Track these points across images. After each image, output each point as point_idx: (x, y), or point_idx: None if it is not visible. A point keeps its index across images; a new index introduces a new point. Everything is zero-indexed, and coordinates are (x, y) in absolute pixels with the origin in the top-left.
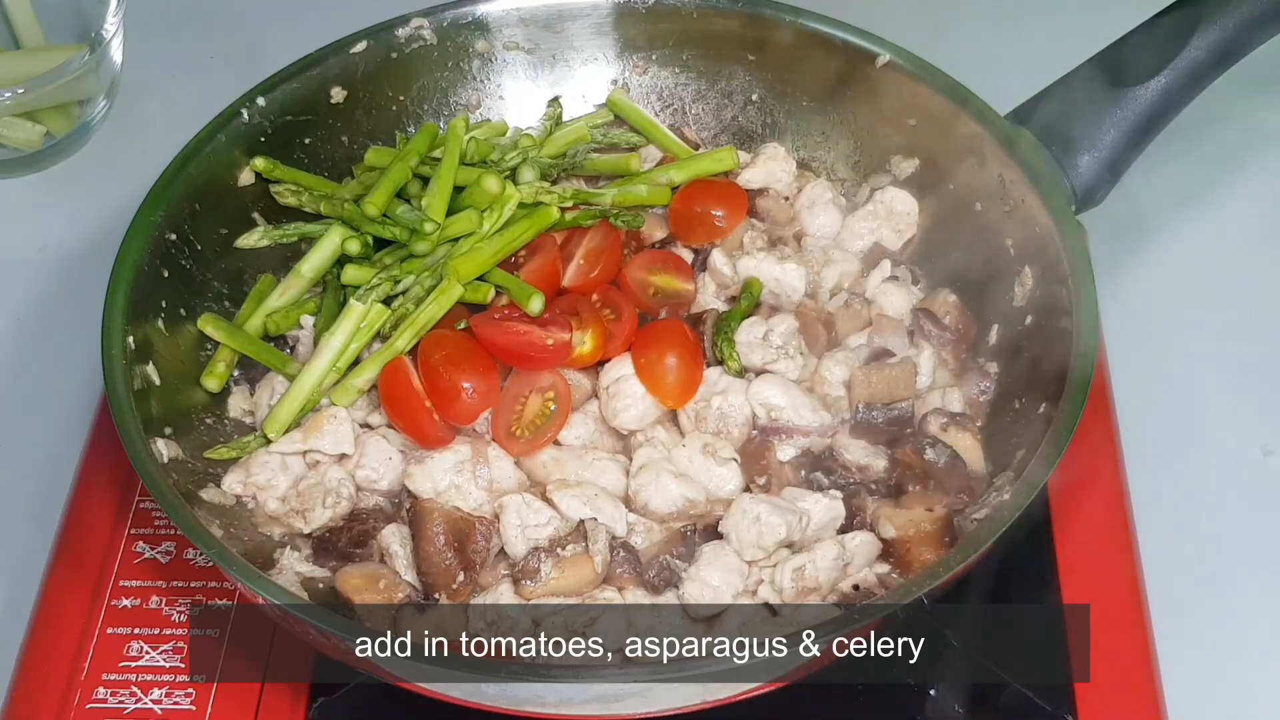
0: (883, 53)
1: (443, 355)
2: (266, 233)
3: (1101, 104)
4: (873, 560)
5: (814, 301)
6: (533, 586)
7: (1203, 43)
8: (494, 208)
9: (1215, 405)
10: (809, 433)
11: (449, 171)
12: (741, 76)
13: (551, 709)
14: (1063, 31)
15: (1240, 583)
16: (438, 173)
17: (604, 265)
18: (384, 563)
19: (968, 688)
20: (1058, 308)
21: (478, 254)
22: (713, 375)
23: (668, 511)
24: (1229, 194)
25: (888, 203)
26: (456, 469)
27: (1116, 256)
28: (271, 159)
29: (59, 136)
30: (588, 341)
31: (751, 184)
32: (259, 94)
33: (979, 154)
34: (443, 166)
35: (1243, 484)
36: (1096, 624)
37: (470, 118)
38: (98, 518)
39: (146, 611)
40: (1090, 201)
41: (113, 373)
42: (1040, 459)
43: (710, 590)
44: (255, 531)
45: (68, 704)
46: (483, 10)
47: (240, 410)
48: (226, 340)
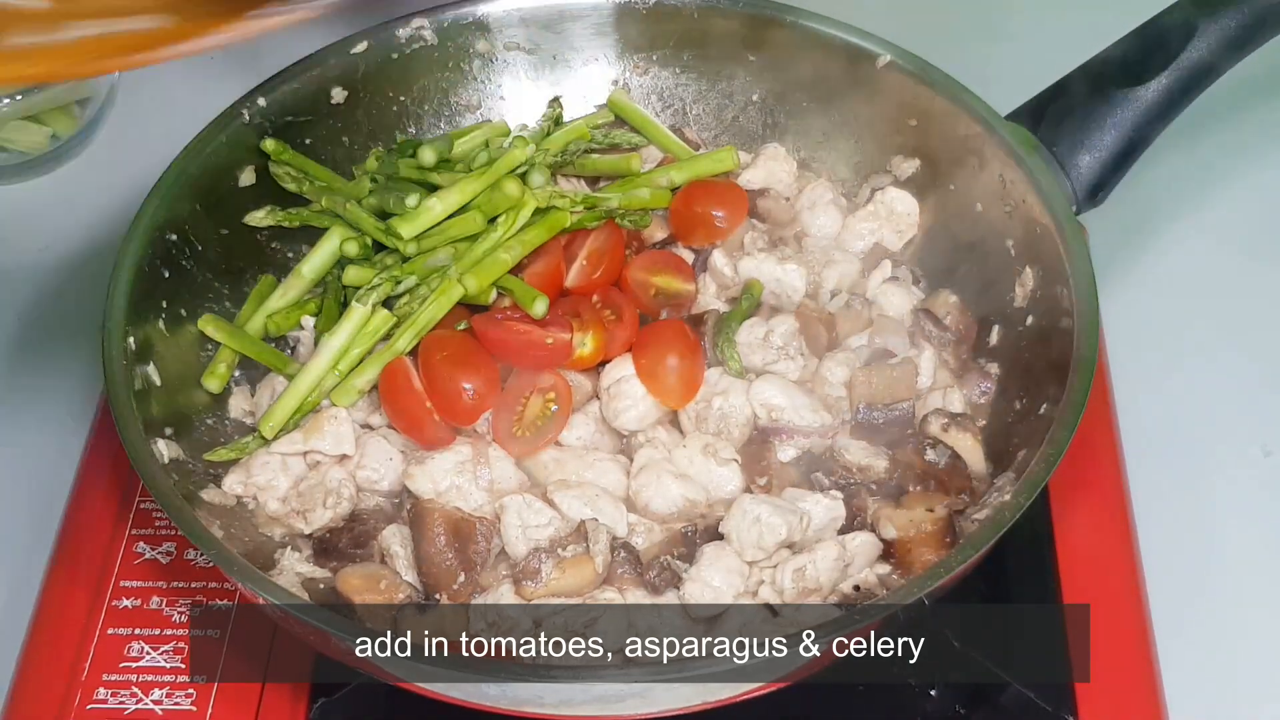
0: (883, 53)
1: (443, 355)
2: (271, 213)
3: (1102, 104)
4: (873, 561)
5: (814, 302)
6: (533, 587)
7: (1203, 43)
8: (510, 213)
9: (1215, 405)
10: (810, 433)
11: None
12: (742, 77)
13: (552, 709)
14: (1063, 31)
15: (1241, 583)
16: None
17: (607, 267)
18: (384, 563)
19: (968, 688)
20: (1058, 308)
21: (495, 263)
22: (713, 376)
23: (668, 512)
24: (1229, 194)
25: (888, 203)
26: (457, 469)
27: (1116, 256)
28: (282, 142)
29: (64, 138)
30: (589, 343)
31: (752, 184)
32: (260, 94)
33: (980, 154)
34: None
35: (1243, 484)
36: (1096, 624)
37: (471, 118)
38: (98, 518)
39: (147, 612)
40: (1090, 201)
41: (113, 373)
42: (1040, 459)
43: (711, 591)
44: (256, 532)
45: (68, 704)
46: (483, 10)
47: (241, 411)
48: (227, 341)
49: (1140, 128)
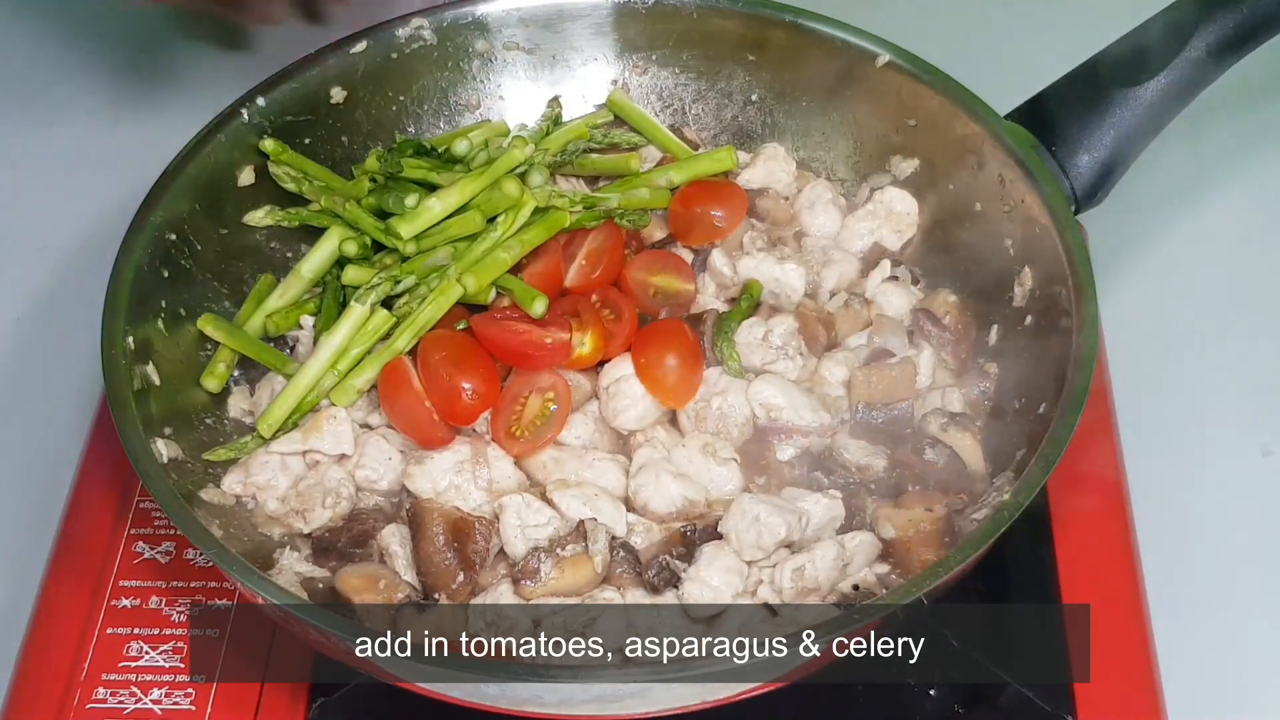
0: (882, 53)
1: (443, 355)
2: (270, 212)
3: (1101, 104)
4: (872, 560)
5: (814, 302)
6: (532, 586)
7: (1203, 43)
8: (509, 213)
9: (1215, 405)
10: (809, 433)
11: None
12: (741, 77)
13: (551, 709)
14: (1062, 31)
15: (1240, 583)
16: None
17: (606, 266)
18: (384, 563)
19: (968, 688)
20: (1057, 308)
21: (494, 262)
22: (712, 375)
23: (667, 511)
24: (1229, 194)
25: (887, 203)
26: (456, 469)
27: (1116, 256)
28: (281, 142)
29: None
30: (588, 343)
31: (751, 184)
32: (259, 94)
33: (979, 154)
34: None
35: (1243, 484)
36: (1096, 624)
37: (470, 118)
38: (98, 518)
39: (146, 611)
40: (1090, 201)
41: (113, 373)
42: (1040, 459)
43: (710, 590)
44: (255, 531)
45: (67, 704)
46: (483, 10)
47: (240, 410)
48: (226, 340)
49: (1140, 127)
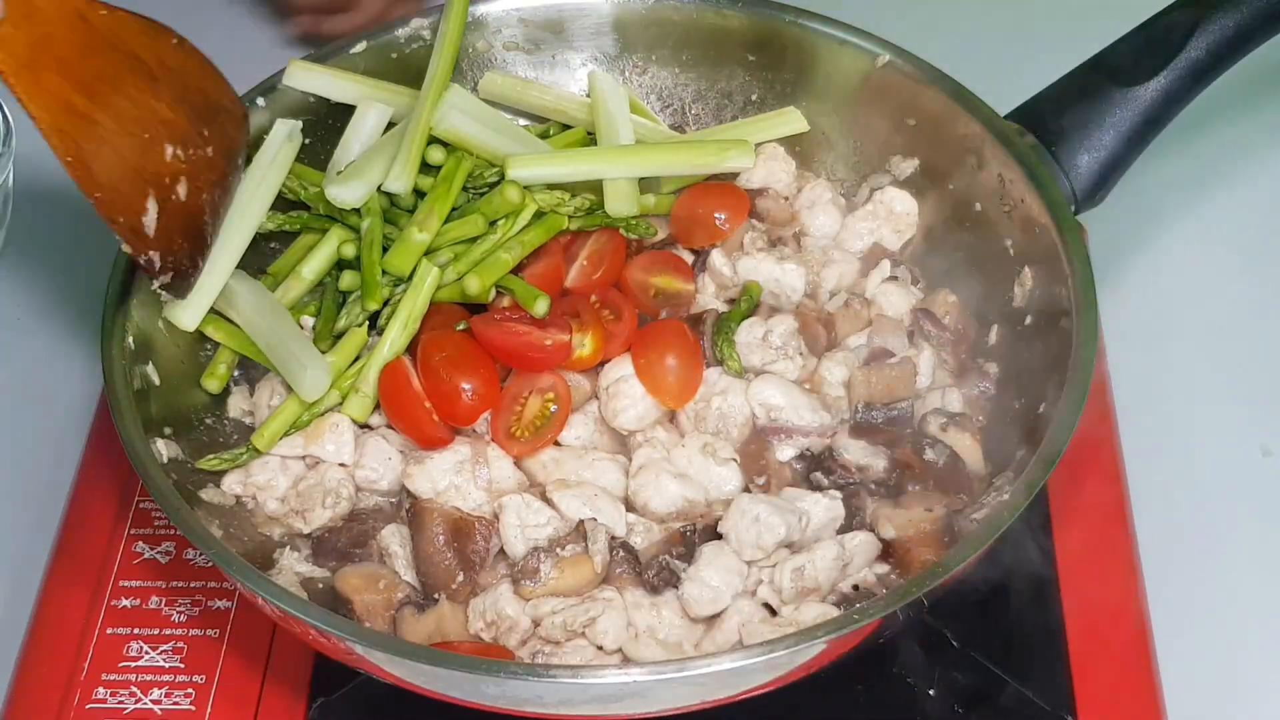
0: (882, 53)
1: (442, 356)
2: (271, 217)
3: (1101, 104)
4: (872, 560)
5: (814, 302)
6: (532, 586)
7: (1203, 43)
8: (510, 216)
9: (1215, 405)
10: (808, 433)
11: (445, 198)
12: (741, 76)
13: (551, 709)
14: (1062, 31)
15: (1240, 583)
16: (432, 195)
17: (607, 267)
18: (383, 563)
19: (968, 688)
20: (1057, 308)
21: (496, 263)
22: (712, 375)
23: (667, 511)
24: (1229, 194)
25: (887, 203)
26: (456, 469)
27: (1116, 256)
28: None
29: None
30: (587, 344)
31: (751, 184)
32: (258, 94)
33: (979, 154)
34: (438, 192)
35: (1242, 484)
36: (1096, 624)
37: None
38: (98, 518)
39: (146, 612)
40: (1090, 201)
41: (112, 373)
42: (1040, 459)
43: (710, 590)
44: (255, 532)
45: (67, 704)
46: (482, 10)
47: (240, 411)
48: (226, 341)
49: (1140, 127)
